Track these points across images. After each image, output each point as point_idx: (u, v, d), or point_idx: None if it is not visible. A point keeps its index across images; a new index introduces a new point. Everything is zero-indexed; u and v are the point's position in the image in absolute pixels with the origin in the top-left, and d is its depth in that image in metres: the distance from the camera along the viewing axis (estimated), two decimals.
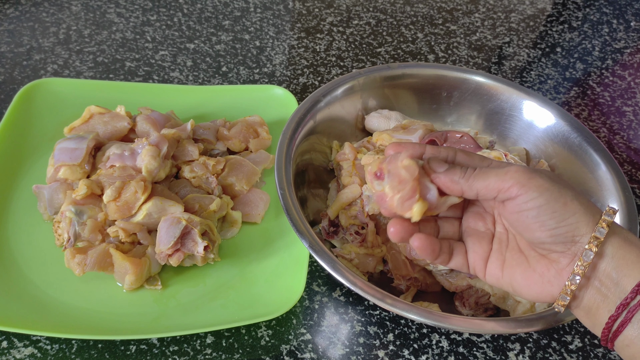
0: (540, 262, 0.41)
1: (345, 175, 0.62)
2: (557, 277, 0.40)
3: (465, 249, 0.45)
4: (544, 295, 0.41)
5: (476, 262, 0.44)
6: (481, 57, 0.91)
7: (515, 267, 0.42)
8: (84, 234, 0.56)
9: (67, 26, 0.87)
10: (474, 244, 0.44)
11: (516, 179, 0.39)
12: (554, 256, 0.40)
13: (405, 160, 0.41)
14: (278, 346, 0.54)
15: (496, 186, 0.40)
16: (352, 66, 0.87)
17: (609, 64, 0.94)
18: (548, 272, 0.40)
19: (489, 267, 0.44)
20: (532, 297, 0.42)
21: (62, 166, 0.60)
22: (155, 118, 0.66)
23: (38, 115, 0.69)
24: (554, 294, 0.40)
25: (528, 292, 0.42)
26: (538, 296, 0.41)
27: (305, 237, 0.52)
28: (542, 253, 0.41)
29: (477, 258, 0.44)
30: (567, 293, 0.40)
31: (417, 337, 0.56)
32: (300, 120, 0.62)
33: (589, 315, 0.40)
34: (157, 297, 0.56)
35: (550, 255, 0.41)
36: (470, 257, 0.44)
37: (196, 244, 0.55)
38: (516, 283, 0.42)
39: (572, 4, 1.06)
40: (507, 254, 0.43)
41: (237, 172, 0.64)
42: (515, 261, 0.42)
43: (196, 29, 0.90)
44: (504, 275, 0.43)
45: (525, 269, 0.42)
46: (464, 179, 0.41)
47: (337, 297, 0.59)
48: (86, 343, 0.53)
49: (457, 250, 0.45)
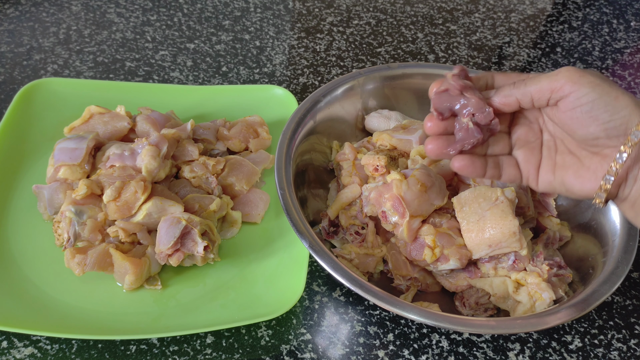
0: (593, 159, 0.43)
1: (345, 175, 0.62)
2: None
3: (515, 162, 0.47)
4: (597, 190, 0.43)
5: (529, 172, 0.47)
6: (481, 57, 0.91)
7: (567, 168, 0.45)
8: (84, 234, 0.56)
9: (67, 26, 0.87)
10: (526, 154, 0.47)
11: (568, 77, 0.41)
12: (607, 152, 0.42)
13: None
14: (278, 346, 0.54)
15: (549, 87, 0.42)
16: (352, 66, 0.87)
17: (609, 64, 0.94)
18: (601, 167, 0.43)
19: (541, 173, 0.46)
20: (585, 193, 0.44)
21: (62, 166, 0.60)
22: (155, 118, 0.66)
23: (38, 115, 0.69)
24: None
25: (581, 188, 0.44)
26: (591, 191, 0.44)
27: (305, 237, 0.52)
28: (594, 151, 0.43)
29: (530, 167, 0.47)
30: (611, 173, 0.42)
31: (417, 337, 0.56)
32: (300, 120, 0.62)
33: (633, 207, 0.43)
34: (157, 297, 0.56)
35: (603, 151, 0.42)
36: (524, 168, 0.47)
37: (196, 244, 0.55)
38: (569, 183, 0.44)
39: (572, 4, 1.06)
40: (557, 158, 0.46)
41: (237, 172, 0.64)
42: (566, 163, 0.45)
43: (196, 29, 0.90)
44: (556, 178, 0.45)
45: (578, 169, 0.44)
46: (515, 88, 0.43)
47: (337, 297, 0.59)
48: (86, 343, 0.53)
49: (507, 164, 0.47)
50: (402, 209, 0.54)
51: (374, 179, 0.60)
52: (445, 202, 0.56)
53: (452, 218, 0.56)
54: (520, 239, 0.53)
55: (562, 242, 0.61)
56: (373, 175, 0.60)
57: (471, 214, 0.54)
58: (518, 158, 0.47)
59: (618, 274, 0.52)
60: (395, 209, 0.55)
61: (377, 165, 0.59)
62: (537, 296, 0.53)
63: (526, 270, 0.55)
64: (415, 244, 0.55)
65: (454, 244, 0.55)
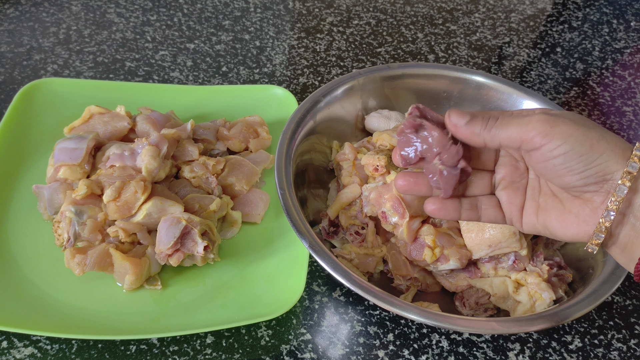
0: (574, 203, 0.41)
1: (345, 175, 0.62)
2: (592, 215, 0.40)
3: (497, 202, 0.45)
4: (581, 235, 0.41)
5: (513, 213, 0.45)
6: (481, 57, 0.91)
7: (549, 211, 0.43)
8: (84, 234, 0.56)
9: (67, 26, 0.87)
10: (510, 195, 0.44)
11: (538, 129, 0.39)
12: (587, 196, 0.41)
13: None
14: (278, 346, 0.54)
15: (518, 137, 0.40)
16: (352, 66, 0.87)
17: (609, 64, 0.94)
18: (583, 211, 0.41)
19: (525, 215, 0.44)
20: (569, 237, 0.42)
21: (62, 166, 0.60)
22: (155, 118, 0.66)
23: (38, 115, 0.69)
24: (590, 232, 0.41)
25: (565, 233, 0.42)
26: (575, 236, 0.42)
27: (305, 237, 0.52)
28: (575, 194, 0.41)
29: (513, 209, 0.45)
30: (601, 230, 0.40)
31: (417, 337, 0.56)
32: (300, 120, 0.62)
33: (624, 252, 0.41)
34: (157, 297, 0.56)
35: (583, 195, 0.41)
36: (507, 209, 0.45)
37: (196, 244, 0.55)
38: (552, 226, 0.43)
39: (572, 4, 1.06)
40: (540, 199, 0.44)
41: (237, 172, 0.64)
42: (549, 205, 0.43)
43: (196, 29, 0.90)
44: (539, 220, 0.43)
45: (561, 212, 0.42)
46: (486, 130, 0.41)
47: (337, 297, 0.59)
48: (86, 343, 0.53)
49: (486, 205, 0.45)
50: (402, 210, 0.54)
51: (374, 179, 0.60)
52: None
53: None
54: (520, 239, 0.53)
55: (562, 242, 0.61)
56: (373, 176, 0.60)
57: None
58: (501, 199, 0.45)
59: (618, 274, 0.52)
60: (395, 209, 0.55)
61: (377, 165, 0.59)
62: (537, 296, 0.53)
63: (526, 270, 0.55)
64: (415, 244, 0.55)
65: (454, 244, 0.55)
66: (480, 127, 0.41)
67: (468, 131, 0.41)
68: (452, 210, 0.44)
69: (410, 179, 0.45)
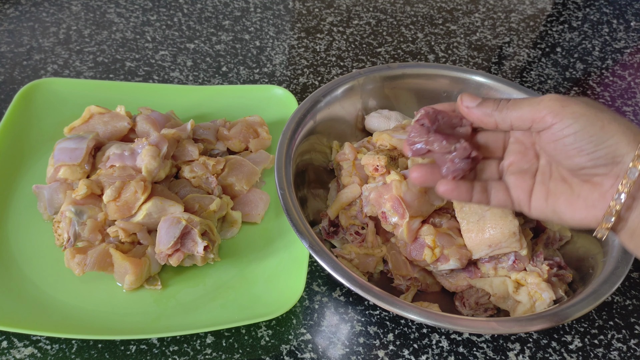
0: (583, 187, 0.41)
1: (345, 175, 0.62)
2: (601, 199, 0.40)
3: (505, 187, 0.45)
4: (589, 220, 0.41)
5: (520, 197, 0.45)
6: (481, 57, 0.91)
7: (558, 195, 0.43)
8: (84, 234, 0.56)
9: (67, 26, 0.87)
10: (517, 180, 0.45)
11: (550, 107, 0.39)
12: (597, 179, 0.40)
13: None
14: (278, 346, 0.54)
15: (530, 116, 0.40)
16: (352, 66, 0.87)
17: (609, 64, 0.94)
18: (592, 195, 0.41)
19: (533, 199, 0.44)
20: (577, 222, 0.42)
21: (62, 166, 0.60)
22: (155, 118, 0.66)
23: (38, 115, 0.69)
24: (599, 217, 0.40)
25: (573, 218, 0.42)
26: (583, 221, 0.42)
27: (305, 237, 0.52)
28: (585, 178, 0.41)
29: (520, 193, 0.45)
30: (611, 214, 0.39)
31: (417, 337, 0.56)
32: (300, 120, 0.62)
33: (632, 238, 0.40)
34: (157, 297, 0.56)
35: (593, 179, 0.41)
36: (514, 193, 0.45)
37: (196, 244, 0.55)
38: (561, 211, 0.43)
39: (572, 4, 1.06)
40: (550, 184, 0.44)
41: (237, 172, 0.64)
42: (558, 190, 0.43)
43: (196, 29, 0.90)
44: (548, 205, 0.44)
45: (569, 196, 0.42)
46: (497, 110, 0.41)
47: (337, 297, 0.59)
48: (86, 343, 0.53)
49: (496, 189, 0.45)
50: (402, 210, 0.54)
51: (374, 179, 0.60)
52: (445, 202, 0.56)
53: (452, 218, 0.56)
54: (520, 239, 0.53)
55: (562, 242, 0.61)
56: (373, 175, 0.60)
57: (471, 214, 0.54)
58: (509, 183, 0.46)
59: (618, 274, 0.52)
60: (395, 209, 0.55)
61: (377, 165, 0.59)
62: (537, 296, 0.53)
63: (526, 270, 0.55)
64: (415, 244, 0.55)
65: (454, 244, 0.55)
66: (492, 108, 0.42)
67: (480, 112, 0.42)
68: (464, 191, 0.45)
69: (426, 170, 0.45)
